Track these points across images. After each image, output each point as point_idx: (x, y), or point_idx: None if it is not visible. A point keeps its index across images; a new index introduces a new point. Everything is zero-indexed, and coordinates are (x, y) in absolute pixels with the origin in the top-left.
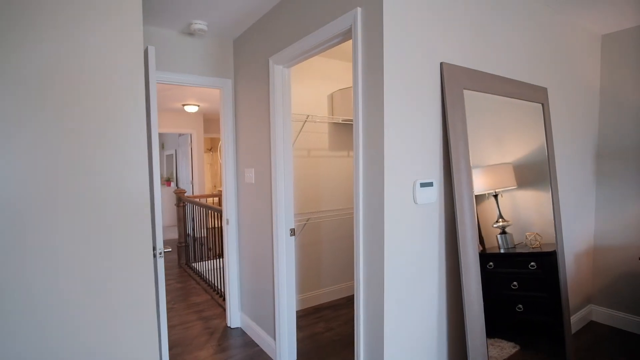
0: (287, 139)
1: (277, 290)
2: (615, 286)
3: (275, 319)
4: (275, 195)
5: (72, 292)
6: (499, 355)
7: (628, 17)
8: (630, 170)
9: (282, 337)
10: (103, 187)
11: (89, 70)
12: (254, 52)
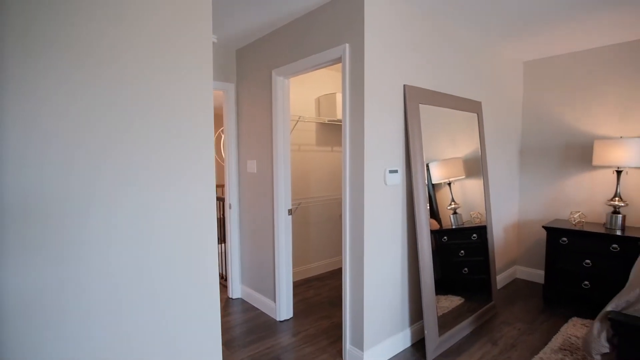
0: (286, 136)
1: (277, 260)
2: (532, 250)
3: (275, 284)
4: (277, 181)
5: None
6: (449, 306)
7: (541, 49)
8: (544, 164)
9: (281, 299)
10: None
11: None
12: (257, 63)
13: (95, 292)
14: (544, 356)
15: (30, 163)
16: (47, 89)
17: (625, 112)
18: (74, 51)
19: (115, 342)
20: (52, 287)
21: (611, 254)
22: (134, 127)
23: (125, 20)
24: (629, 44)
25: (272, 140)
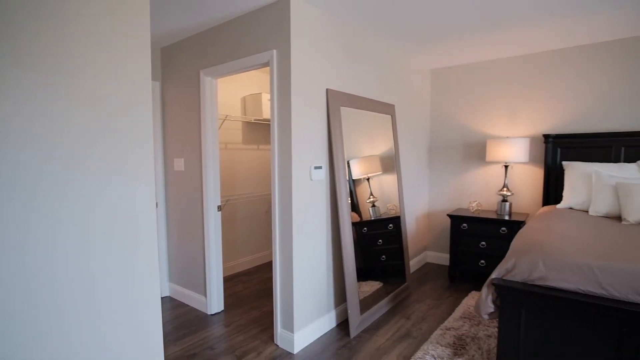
0: (214, 134)
1: (208, 254)
2: (440, 236)
3: (205, 278)
4: (206, 179)
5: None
6: (369, 290)
7: (446, 59)
8: (449, 160)
9: (212, 293)
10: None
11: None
12: (184, 62)
13: (31, 293)
14: (448, 324)
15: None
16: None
17: (511, 115)
18: (6, 45)
19: (52, 344)
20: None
21: (501, 235)
22: (72, 123)
23: (57, 16)
24: (516, 57)
25: (200, 139)
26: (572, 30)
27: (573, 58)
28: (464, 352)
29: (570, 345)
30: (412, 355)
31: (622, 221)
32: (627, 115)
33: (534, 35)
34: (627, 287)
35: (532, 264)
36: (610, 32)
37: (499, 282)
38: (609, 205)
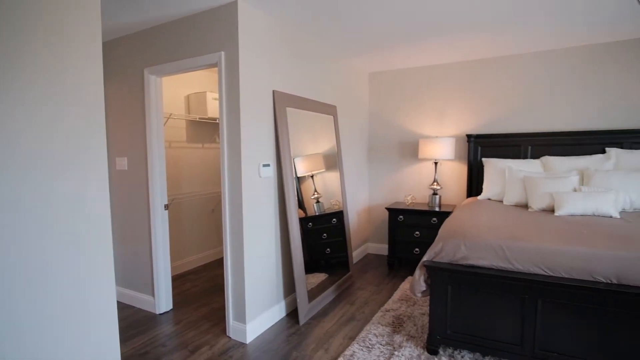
0: (160, 133)
1: (155, 253)
2: (379, 229)
3: (153, 278)
4: (152, 177)
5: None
6: (316, 281)
7: (382, 64)
8: (387, 158)
9: (160, 292)
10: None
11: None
12: (126, 59)
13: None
14: (387, 307)
15: None
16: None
17: (440, 117)
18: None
19: (3, 344)
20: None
21: (432, 225)
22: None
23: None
24: (445, 65)
25: (145, 138)
26: (489, 43)
27: (491, 67)
28: (402, 329)
29: (486, 311)
30: (356, 335)
31: (528, 209)
32: (533, 118)
33: (459, 46)
34: (529, 262)
35: (456, 247)
36: (522, 46)
37: (429, 263)
38: (518, 196)
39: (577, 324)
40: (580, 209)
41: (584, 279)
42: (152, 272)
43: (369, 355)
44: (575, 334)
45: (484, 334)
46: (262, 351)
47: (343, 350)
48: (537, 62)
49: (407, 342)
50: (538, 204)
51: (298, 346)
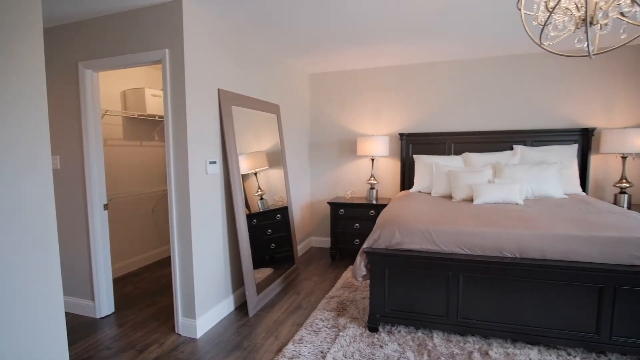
0: (97, 130)
1: (95, 256)
2: (321, 223)
3: (93, 281)
4: (89, 176)
5: None
6: (262, 276)
7: (321, 66)
8: (327, 155)
9: (101, 295)
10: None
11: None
12: (57, 52)
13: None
14: (332, 294)
15: None
16: None
17: (376, 117)
18: None
19: None
20: None
21: (370, 217)
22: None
23: None
24: (380, 68)
25: (81, 135)
26: (416, 52)
27: (420, 72)
28: (345, 312)
29: (418, 289)
30: (304, 322)
31: (452, 199)
32: (455, 119)
33: (391, 52)
34: (452, 243)
35: (392, 234)
36: (444, 55)
37: (368, 250)
38: (443, 188)
39: (490, 294)
40: (493, 198)
41: (495, 255)
42: (91, 275)
43: (316, 338)
44: (488, 301)
45: (417, 309)
46: (213, 344)
47: (292, 336)
48: (456, 70)
49: (350, 323)
50: (460, 194)
51: (249, 336)
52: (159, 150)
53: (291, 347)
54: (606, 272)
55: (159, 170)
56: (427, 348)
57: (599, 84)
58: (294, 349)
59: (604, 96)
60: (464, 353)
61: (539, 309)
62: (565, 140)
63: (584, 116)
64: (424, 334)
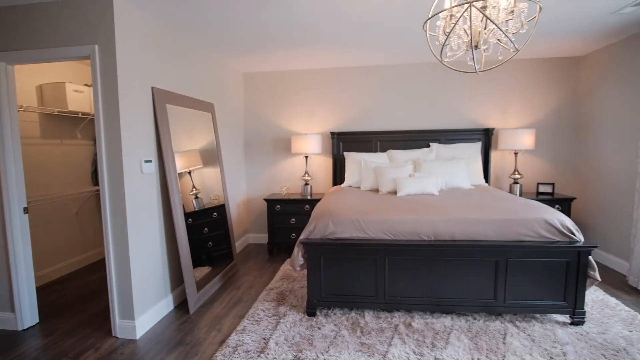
0: (15, 128)
1: (15, 264)
2: (258, 219)
3: (13, 291)
4: (6, 178)
5: None
6: (200, 275)
7: (255, 65)
8: (263, 153)
9: (23, 306)
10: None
11: None
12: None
13: None
14: (271, 286)
15: None
16: None
17: (309, 116)
18: None
19: None
20: None
21: (306, 212)
22: None
23: None
24: (313, 70)
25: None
26: (346, 56)
27: (350, 75)
28: (285, 302)
29: (351, 273)
30: (245, 313)
31: (379, 192)
32: (380, 119)
33: (323, 56)
34: (378, 231)
35: (325, 224)
36: (367, 60)
37: (305, 241)
38: (371, 182)
39: (411, 273)
40: (413, 190)
41: (414, 239)
42: (10, 284)
43: (258, 327)
44: (410, 280)
45: (350, 291)
46: (154, 343)
47: (235, 327)
48: (380, 74)
49: (290, 310)
50: (385, 188)
51: (191, 332)
52: (83, 149)
53: (234, 337)
54: (500, 247)
55: (82, 170)
56: (360, 325)
57: (498, 91)
58: (237, 339)
59: (501, 102)
60: (391, 326)
61: (450, 283)
62: (471, 138)
63: (486, 118)
64: (356, 314)
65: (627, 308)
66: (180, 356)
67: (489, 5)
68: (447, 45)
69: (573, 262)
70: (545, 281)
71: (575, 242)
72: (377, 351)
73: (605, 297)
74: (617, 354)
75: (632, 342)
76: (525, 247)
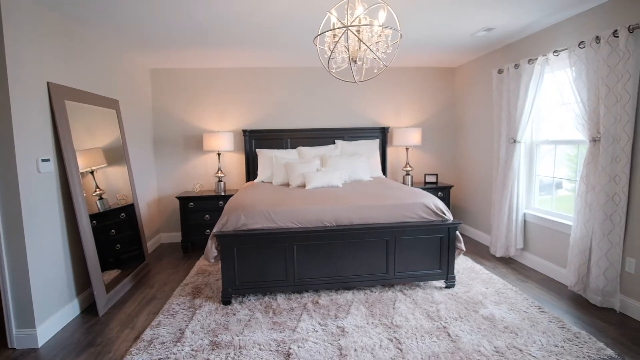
0: None
1: None
2: (171, 218)
3: None
4: None
5: None
6: (108, 279)
7: (163, 62)
8: (173, 151)
9: None
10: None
11: None
12: None
13: None
14: (186, 281)
15: None
16: None
17: (221, 114)
18: None
19: None
20: None
21: (219, 208)
22: None
23: None
24: (226, 69)
25: None
26: (260, 57)
27: (261, 75)
28: (201, 295)
29: (262, 261)
30: (160, 309)
31: (289, 186)
32: (290, 118)
33: (236, 55)
34: (287, 220)
35: (237, 217)
36: (280, 61)
37: (218, 233)
38: (282, 177)
39: (317, 256)
40: (320, 183)
41: (319, 226)
42: None
43: (174, 320)
44: (317, 262)
45: (262, 278)
46: (60, 348)
47: (149, 323)
48: (290, 75)
49: (206, 302)
50: (295, 182)
51: (101, 333)
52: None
53: (149, 332)
54: (390, 228)
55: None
56: (272, 307)
57: (392, 95)
58: (152, 333)
59: (395, 104)
60: (300, 305)
61: (351, 262)
62: (370, 136)
63: (383, 118)
64: (269, 298)
65: (486, 271)
66: (91, 357)
67: (362, 30)
68: (332, 59)
69: (445, 237)
70: (426, 254)
71: (446, 220)
72: (288, 327)
73: (472, 264)
74: (475, 305)
75: (487, 295)
76: (409, 227)
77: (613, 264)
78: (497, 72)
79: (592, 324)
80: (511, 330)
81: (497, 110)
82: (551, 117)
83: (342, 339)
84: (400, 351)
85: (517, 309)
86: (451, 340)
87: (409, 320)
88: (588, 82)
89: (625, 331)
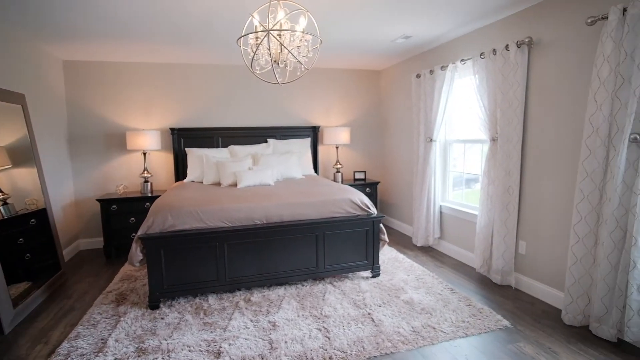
0: None
1: None
2: (91, 222)
3: None
4: None
5: None
6: (15, 293)
7: (79, 54)
8: (92, 150)
9: None
10: None
11: None
12: None
13: None
14: (109, 288)
15: None
16: None
17: (146, 111)
18: None
19: None
20: None
21: (146, 210)
22: None
23: None
24: (151, 64)
25: None
26: (187, 53)
27: (190, 72)
28: (126, 301)
29: (192, 262)
30: (79, 320)
31: (220, 185)
32: (221, 116)
33: (161, 50)
34: (216, 219)
35: (164, 218)
36: (210, 58)
37: (143, 236)
38: (213, 176)
39: (248, 254)
40: (252, 182)
41: (249, 224)
42: None
43: (95, 330)
44: (248, 260)
45: (192, 279)
46: None
47: (66, 336)
48: (220, 73)
49: (131, 308)
50: (227, 181)
51: (8, 352)
52: None
53: (66, 345)
54: (319, 224)
55: None
56: (203, 308)
57: (322, 95)
58: (69, 346)
59: (325, 103)
60: (232, 304)
61: (282, 258)
62: (302, 135)
63: (314, 117)
64: (200, 299)
65: (409, 260)
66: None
67: (283, 34)
68: (255, 61)
69: (370, 230)
70: (353, 247)
71: (371, 214)
72: (219, 326)
73: (397, 254)
74: (397, 291)
75: (408, 282)
76: (337, 222)
77: (509, 247)
78: (415, 76)
79: (494, 300)
80: (427, 311)
81: (416, 111)
82: (461, 119)
83: (273, 333)
84: (328, 339)
85: (433, 292)
86: (374, 325)
87: (337, 310)
88: (488, 89)
89: (518, 304)
